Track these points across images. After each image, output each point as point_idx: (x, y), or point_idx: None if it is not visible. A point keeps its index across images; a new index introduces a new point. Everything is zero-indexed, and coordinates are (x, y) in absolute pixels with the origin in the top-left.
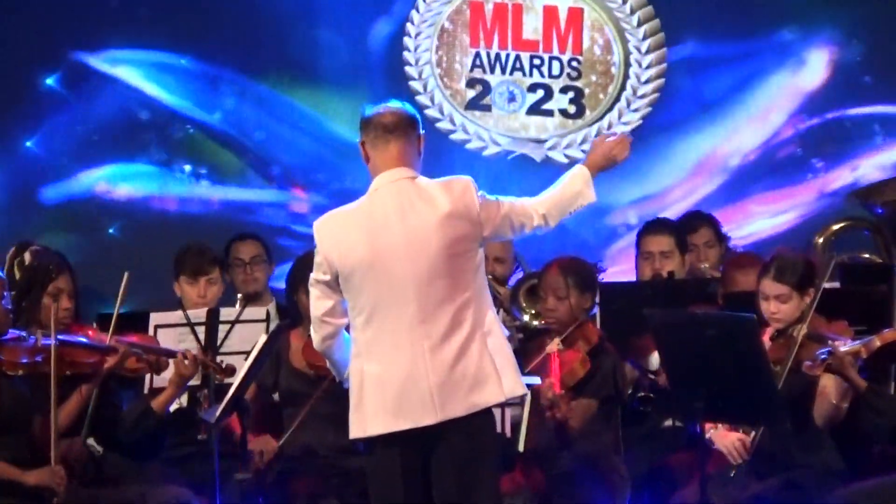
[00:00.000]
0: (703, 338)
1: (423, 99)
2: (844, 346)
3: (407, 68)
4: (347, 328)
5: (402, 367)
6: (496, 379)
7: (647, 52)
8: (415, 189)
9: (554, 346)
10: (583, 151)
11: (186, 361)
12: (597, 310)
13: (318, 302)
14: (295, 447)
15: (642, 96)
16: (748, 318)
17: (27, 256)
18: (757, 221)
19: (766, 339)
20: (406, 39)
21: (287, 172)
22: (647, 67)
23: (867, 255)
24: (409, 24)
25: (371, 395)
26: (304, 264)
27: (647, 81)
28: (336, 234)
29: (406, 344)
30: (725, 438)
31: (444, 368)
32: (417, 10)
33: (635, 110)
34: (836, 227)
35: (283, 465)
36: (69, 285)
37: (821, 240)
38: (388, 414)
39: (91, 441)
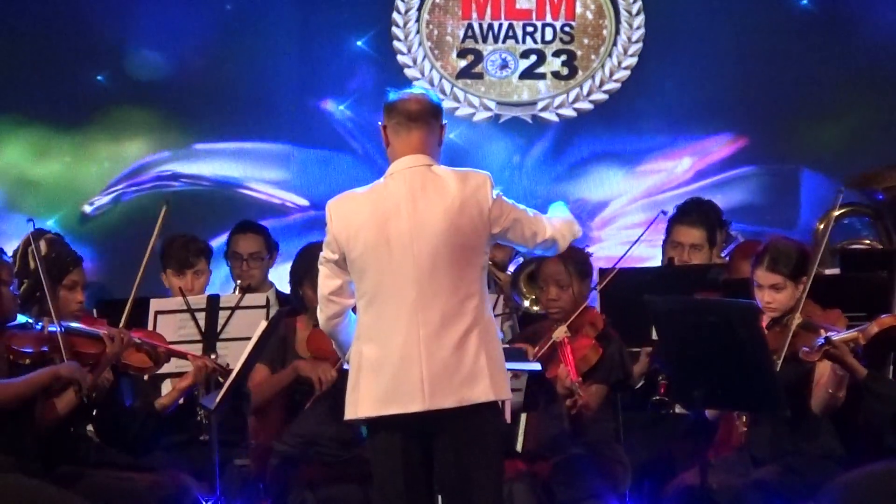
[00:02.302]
0: (704, 324)
1: (412, 72)
2: (839, 335)
3: (396, 43)
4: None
5: (397, 352)
6: (489, 378)
7: (637, 13)
8: (430, 177)
9: (562, 333)
10: (574, 110)
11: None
12: (597, 295)
13: (326, 281)
14: (295, 436)
15: (633, 55)
16: (749, 305)
17: (43, 245)
18: None
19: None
20: (395, 16)
21: None
22: (637, 28)
23: (868, 242)
24: (397, 1)
25: (366, 378)
26: (307, 257)
27: (637, 41)
28: (346, 215)
29: (403, 329)
30: None
31: (437, 358)
32: None
33: (626, 68)
34: (836, 213)
35: (284, 451)
36: (83, 278)
37: (821, 226)
38: (379, 398)
39: (89, 429)
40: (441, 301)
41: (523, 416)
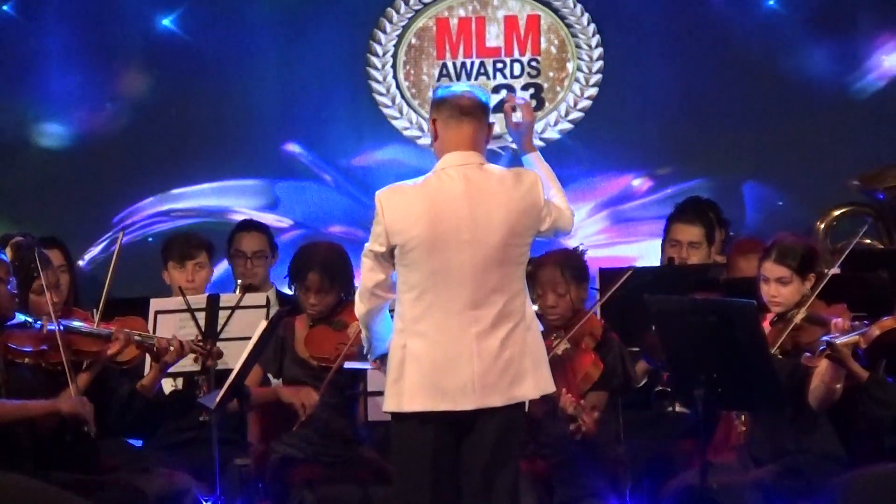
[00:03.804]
0: (703, 324)
1: (391, 112)
2: (843, 335)
3: (375, 84)
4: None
5: (447, 349)
6: (533, 374)
7: (596, 46)
8: (484, 175)
9: (561, 347)
10: (541, 139)
11: (171, 348)
12: (597, 295)
13: (370, 273)
14: (295, 436)
15: (595, 85)
16: (748, 305)
17: (8, 252)
18: None
19: (766, 323)
20: (373, 58)
21: None
22: (597, 60)
23: (868, 241)
24: (374, 44)
25: (411, 372)
26: (298, 260)
27: (597, 72)
28: (399, 207)
29: (454, 327)
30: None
31: (488, 357)
32: (384, 32)
33: (588, 98)
34: (837, 212)
35: (283, 451)
36: (54, 279)
37: (822, 225)
38: (427, 393)
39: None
40: (493, 299)
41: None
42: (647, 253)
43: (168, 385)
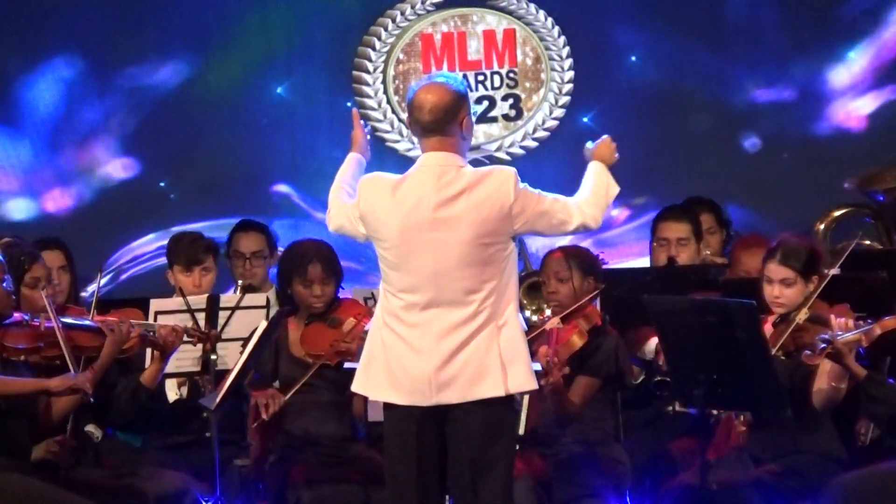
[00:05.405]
0: (703, 324)
1: (383, 125)
2: (845, 333)
3: (366, 100)
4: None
5: (409, 344)
6: (501, 372)
7: (567, 56)
8: (456, 178)
9: (553, 323)
10: (521, 148)
11: (165, 332)
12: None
13: (343, 227)
14: (295, 434)
15: (567, 94)
16: (748, 305)
17: None
18: None
19: (769, 325)
20: (364, 74)
21: None
22: (568, 70)
23: (868, 242)
24: (365, 61)
25: (378, 362)
26: (292, 256)
27: (569, 82)
28: (373, 202)
29: (418, 323)
30: None
31: (446, 355)
32: (373, 49)
33: (562, 106)
34: (837, 213)
35: (282, 451)
36: (45, 272)
37: (822, 226)
38: (388, 385)
39: (90, 427)
40: (462, 298)
41: (525, 399)
42: None
43: (172, 394)
